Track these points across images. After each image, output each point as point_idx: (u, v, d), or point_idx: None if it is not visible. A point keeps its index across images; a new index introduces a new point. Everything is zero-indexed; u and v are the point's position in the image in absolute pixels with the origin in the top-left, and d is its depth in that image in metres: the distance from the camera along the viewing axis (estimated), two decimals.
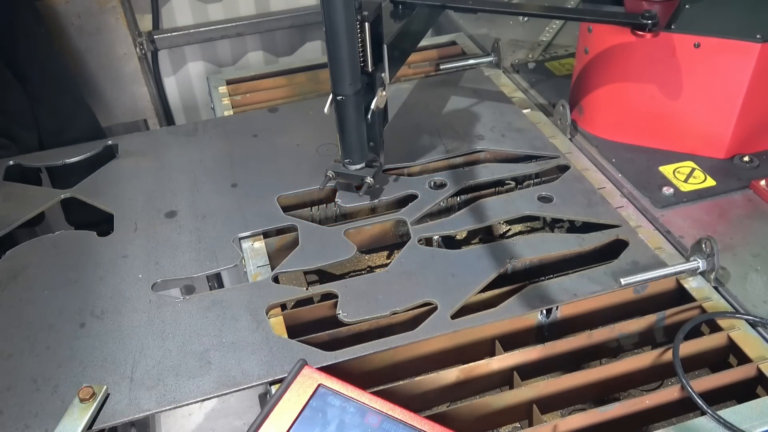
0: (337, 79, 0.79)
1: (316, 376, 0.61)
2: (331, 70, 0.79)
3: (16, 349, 0.73)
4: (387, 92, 0.86)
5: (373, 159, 0.90)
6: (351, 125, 0.84)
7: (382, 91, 0.85)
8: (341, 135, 0.85)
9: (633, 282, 0.76)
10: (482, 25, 1.40)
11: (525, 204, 0.90)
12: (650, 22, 0.85)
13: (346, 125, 0.84)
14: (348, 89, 0.80)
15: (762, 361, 0.68)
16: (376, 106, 0.84)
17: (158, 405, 0.66)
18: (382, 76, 0.84)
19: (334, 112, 0.83)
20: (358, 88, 0.81)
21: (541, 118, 1.10)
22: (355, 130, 0.85)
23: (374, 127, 0.87)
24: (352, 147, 0.86)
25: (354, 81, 0.80)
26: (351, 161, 0.88)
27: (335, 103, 0.82)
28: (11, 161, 1.03)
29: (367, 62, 0.81)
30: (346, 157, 0.88)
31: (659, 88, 0.93)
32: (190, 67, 1.63)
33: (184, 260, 0.84)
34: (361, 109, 0.83)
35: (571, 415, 0.64)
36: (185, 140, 1.07)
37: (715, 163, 0.95)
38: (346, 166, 0.89)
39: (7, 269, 0.84)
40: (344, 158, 0.88)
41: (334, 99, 0.81)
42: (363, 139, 0.86)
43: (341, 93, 0.80)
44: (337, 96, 0.81)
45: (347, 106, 0.82)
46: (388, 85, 0.86)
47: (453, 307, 0.74)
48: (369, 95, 0.84)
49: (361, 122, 0.84)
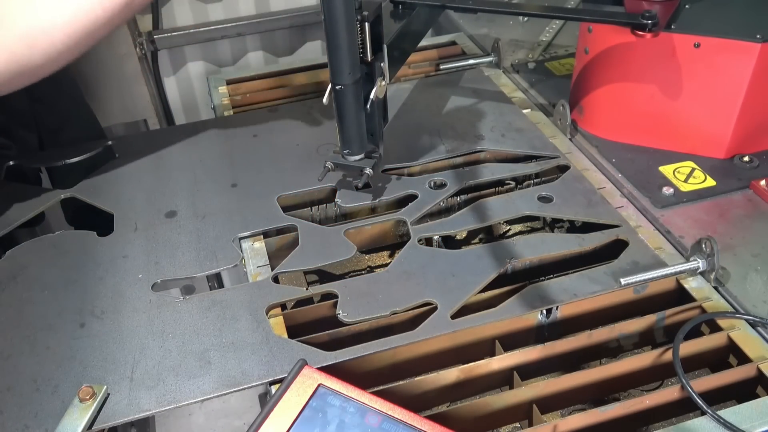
0: (335, 69, 0.78)
1: (316, 376, 0.61)
2: (330, 60, 0.78)
3: (16, 349, 0.73)
4: (386, 82, 0.85)
5: (373, 150, 0.89)
6: (350, 115, 0.83)
7: (382, 80, 0.84)
8: (340, 125, 0.85)
9: (633, 282, 0.76)
10: (482, 25, 1.40)
11: (525, 204, 0.90)
12: (650, 22, 0.85)
13: (345, 115, 0.83)
14: (347, 78, 0.79)
15: (762, 361, 0.68)
16: (375, 96, 0.83)
17: (158, 405, 0.66)
18: (381, 66, 0.83)
19: (333, 103, 0.82)
20: (357, 77, 0.80)
21: (541, 118, 1.10)
22: (354, 120, 0.83)
23: (373, 118, 0.86)
24: (351, 137, 0.85)
25: (353, 70, 0.79)
26: (350, 152, 0.87)
27: (334, 93, 0.81)
28: (11, 161, 1.03)
29: (366, 52, 0.80)
30: (345, 148, 0.87)
31: (659, 88, 0.93)
32: (190, 67, 1.63)
33: (184, 260, 0.84)
34: (360, 99, 0.82)
35: (571, 415, 0.64)
36: (185, 140, 1.07)
37: (715, 163, 0.95)
38: (345, 157, 0.88)
39: (7, 269, 0.84)
40: (343, 149, 0.87)
41: (333, 89, 0.81)
42: (362, 130, 0.85)
43: (340, 82, 0.79)
44: (336, 86, 0.80)
45: (346, 95, 0.81)
46: (388, 84, 0.85)
47: (453, 307, 0.74)
48: (368, 85, 0.83)
49: (360, 112, 0.84)
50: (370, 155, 0.89)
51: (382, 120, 0.90)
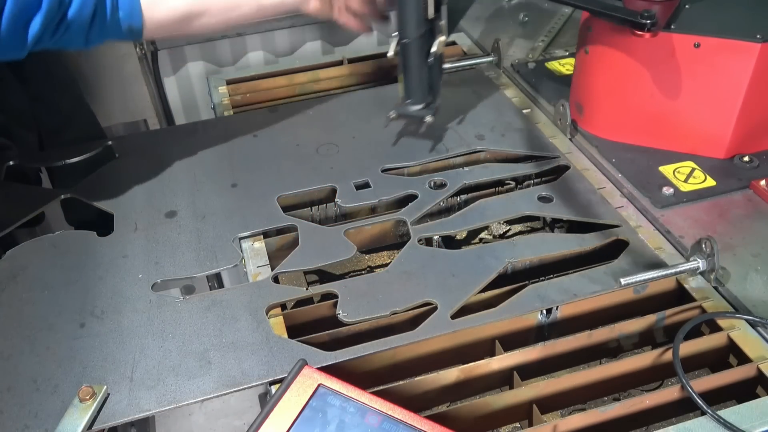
0: (403, 24, 0.89)
1: (316, 376, 0.61)
2: (399, 16, 0.89)
3: (16, 349, 0.73)
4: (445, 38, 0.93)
5: (430, 102, 0.98)
6: (414, 67, 0.93)
7: (441, 36, 0.92)
8: (405, 76, 0.95)
9: (633, 282, 0.76)
10: (482, 25, 1.40)
11: (525, 204, 0.90)
12: (649, 22, 0.85)
13: (409, 67, 0.93)
14: (413, 33, 0.89)
15: (762, 361, 0.68)
16: (436, 50, 0.92)
17: (158, 405, 0.66)
18: (441, 24, 0.92)
19: (399, 56, 0.93)
20: (422, 32, 0.90)
21: (541, 118, 1.10)
22: (417, 71, 0.94)
23: (433, 71, 0.96)
24: (414, 88, 0.95)
25: (419, 26, 0.89)
26: (412, 101, 0.96)
27: (401, 47, 0.92)
28: (11, 161, 1.03)
29: (429, 9, 0.88)
30: (408, 98, 0.97)
31: (659, 88, 0.93)
32: (190, 67, 1.63)
33: (184, 260, 0.84)
34: (423, 53, 0.92)
35: (571, 415, 0.64)
36: (185, 140, 1.07)
37: (715, 163, 0.95)
38: (407, 106, 0.97)
39: (7, 269, 0.84)
40: (406, 99, 0.97)
41: (399, 42, 0.91)
42: (424, 81, 0.95)
43: (407, 37, 0.90)
44: (403, 39, 0.90)
45: (411, 49, 0.91)
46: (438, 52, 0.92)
47: (453, 307, 0.74)
48: (430, 40, 0.92)
49: (423, 65, 0.93)
50: (429, 106, 0.97)
51: (440, 71, 0.99)
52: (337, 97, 1.18)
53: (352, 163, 0.99)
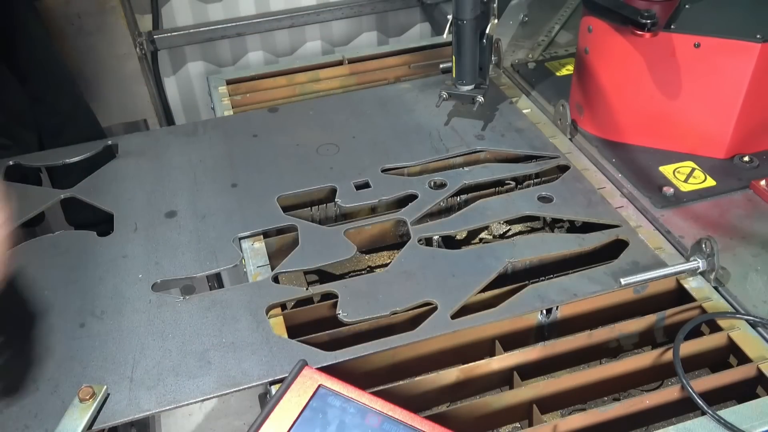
0: (460, 5, 0.92)
1: (316, 376, 0.61)
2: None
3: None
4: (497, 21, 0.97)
5: (481, 82, 1.01)
6: (467, 47, 0.95)
7: (494, 19, 0.96)
8: (458, 56, 0.97)
9: (633, 282, 0.76)
10: None
11: (525, 204, 0.90)
12: (649, 22, 0.85)
13: (463, 47, 0.95)
14: (469, 14, 0.92)
15: (762, 361, 0.68)
16: (490, 32, 0.96)
17: (158, 405, 0.66)
18: (493, 7, 0.95)
19: (453, 36, 0.95)
20: (477, 13, 0.93)
21: (541, 118, 1.10)
22: (470, 52, 0.96)
23: (485, 53, 0.99)
24: (466, 68, 0.98)
25: (474, 6, 0.92)
26: (464, 82, 0.99)
27: (455, 27, 0.94)
28: (11, 161, 1.03)
29: None
30: (460, 78, 0.99)
31: (659, 88, 0.93)
32: (190, 67, 1.63)
33: (184, 260, 0.84)
34: (476, 34, 0.95)
35: (571, 415, 0.64)
36: (185, 140, 1.07)
37: (715, 163, 0.95)
38: (458, 86, 1.00)
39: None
40: (458, 79, 1.00)
41: (454, 23, 0.93)
42: (476, 62, 0.98)
43: (462, 17, 0.92)
44: (459, 20, 0.93)
45: (466, 29, 0.93)
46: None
47: (453, 307, 0.74)
48: (483, 22, 0.95)
49: (476, 46, 0.96)
50: (479, 86, 1.01)
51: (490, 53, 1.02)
52: (337, 97, 1.18)
53: (352, 163, 0.99)
